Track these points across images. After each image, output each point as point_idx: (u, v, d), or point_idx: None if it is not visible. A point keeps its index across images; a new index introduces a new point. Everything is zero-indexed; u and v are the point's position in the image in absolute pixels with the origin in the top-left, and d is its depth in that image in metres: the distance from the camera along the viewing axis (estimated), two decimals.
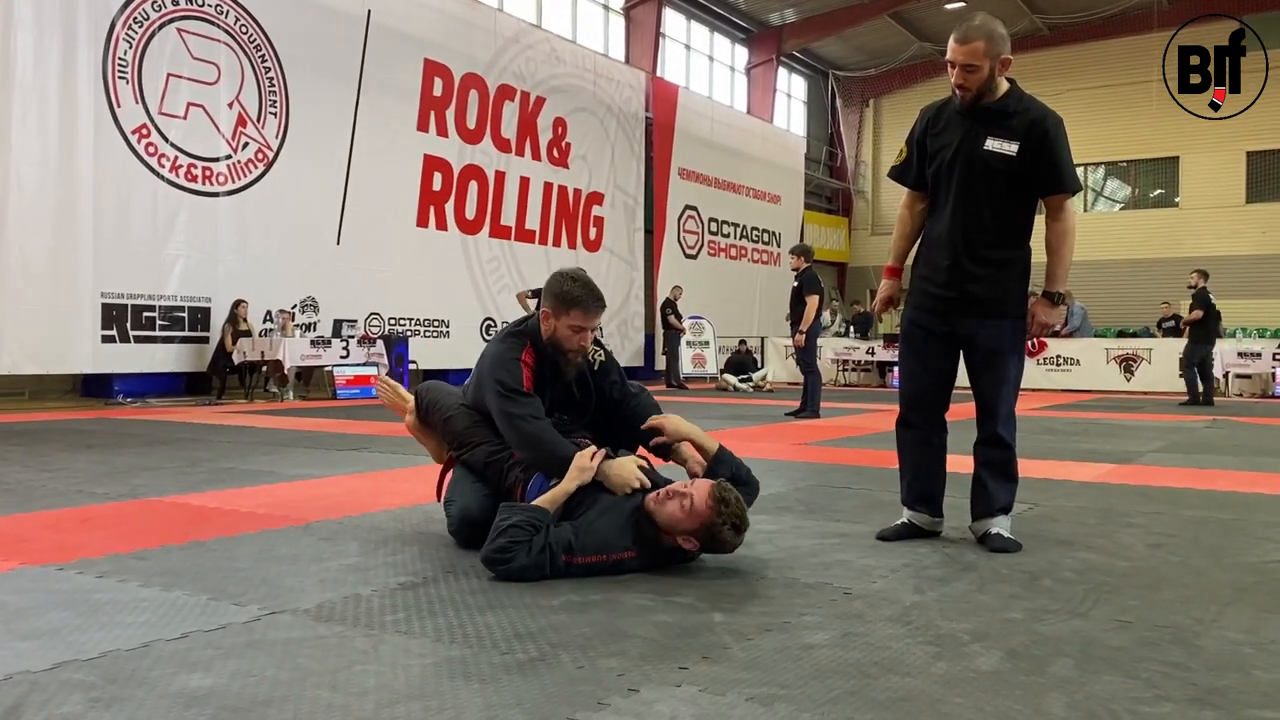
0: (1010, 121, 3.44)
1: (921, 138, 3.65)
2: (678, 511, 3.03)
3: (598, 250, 18.82)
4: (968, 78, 3.40)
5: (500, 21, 16.83)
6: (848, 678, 2.13)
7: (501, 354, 3.43)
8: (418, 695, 1.99)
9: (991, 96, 3.45)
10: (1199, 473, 5.84)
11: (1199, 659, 2.29)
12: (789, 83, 26.91)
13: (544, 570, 2.93)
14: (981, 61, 3.37)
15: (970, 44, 3.37)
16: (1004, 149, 3.42)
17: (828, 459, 6.51)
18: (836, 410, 10.99)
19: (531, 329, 3.49)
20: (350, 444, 7.07)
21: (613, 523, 3.07)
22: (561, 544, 2.97)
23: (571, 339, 3.41)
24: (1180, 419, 10.54)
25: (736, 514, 3.05)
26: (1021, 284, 3.56)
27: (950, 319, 3.55)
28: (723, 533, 3.04)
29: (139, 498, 4.54)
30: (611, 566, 3.01)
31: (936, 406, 3.65)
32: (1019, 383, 3.61)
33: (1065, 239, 3.49)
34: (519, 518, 2.99)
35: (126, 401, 11.40)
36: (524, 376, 3.37)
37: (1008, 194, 3.46)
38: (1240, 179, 24.16)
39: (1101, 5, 23.49)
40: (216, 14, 12.53)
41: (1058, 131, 3.44)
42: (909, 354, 3.68)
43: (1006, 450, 3.55)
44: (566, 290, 3.39)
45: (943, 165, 3.55)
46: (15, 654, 2.23)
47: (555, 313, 3.40)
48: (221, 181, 12.62)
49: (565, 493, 3.12)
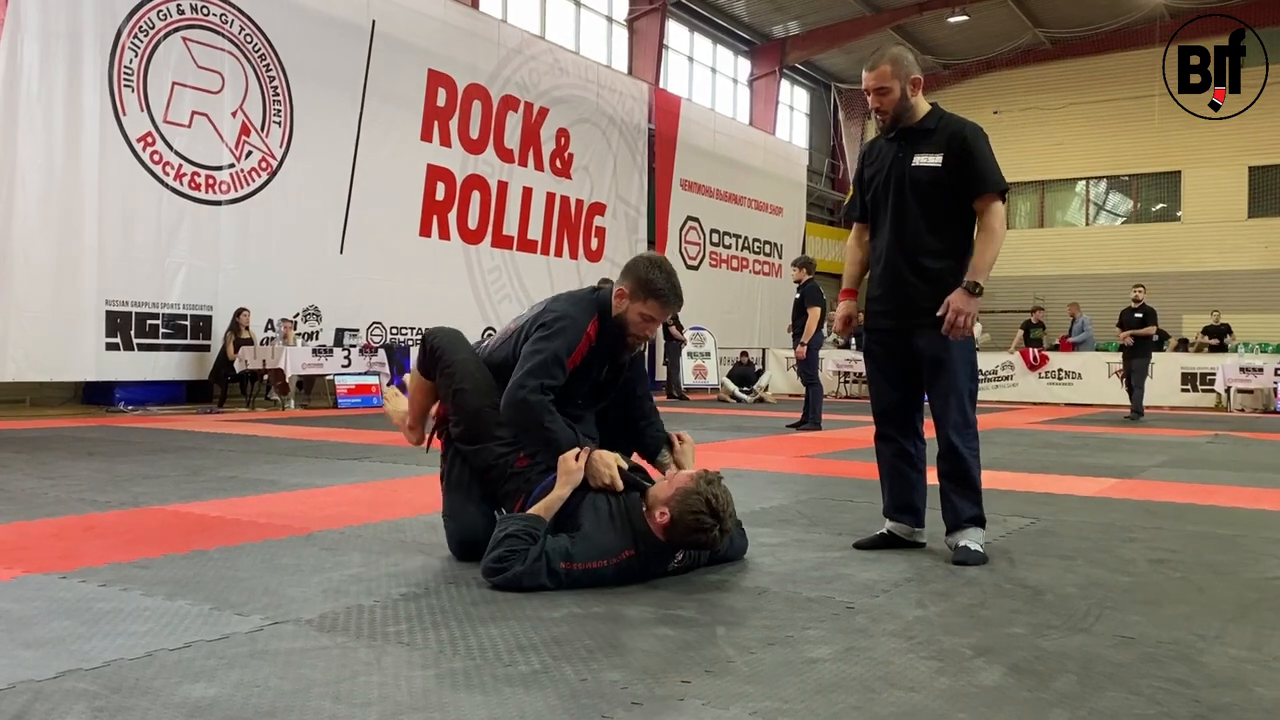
0: (933, 137, 3.64)
1: (859, 172, 3.90)
2: (662, 483, 3.13)
3: (599, 261, 18.84)
4: (881, 100, 3.66)
5: (504, 32, 16.89)
6: (851, 692, 2.13)
7: (565, 328, 3.31)
8: (420, 707, 1.99)
9: (912, 118, 3.67)
10: (1201, 488, 5.83)
11: (1202, 675, 2.29)
12: (791, 95, 26.98)
13: (539, 578, 2.92)
14: (890, 83, 3.63)
15: (878, 69, 3.66)
16: (930, 161, 3.61)
17: (830, 471, 6.51)
18: (838, 422, 10.98)
19: (604, 300, 3.43)
20: (352, 453, 7.07)
21: (610, 527, 3.07)
22: (559, 552, 2.97)
23: (640, 326, 3.40)
24: (1183, 434, 10.53)
25: (717, 495, 3.04)
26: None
27: (901, 333, 3.69)
28: (694, 502, 3.00)
29: (141, 506, 4.54)
30: (613, 570, 3.01)
31: (908, 419, 3.77)
32: (972, 392, 3.67)
33: (990, 238, 3.59)
34: (515, 527, 3.01)
35: (128, 409, 11.41)
36: (580, 348, 3.32)
37: (939, 205, 3.61)
38: (1242, 194, 24.20)
39: (1104, 19, 23.56)
40: (221, 23, 12.58)
41: (976, 138, 3.62)
42: (873, 372, 3.85)
43: (962, 461, 3.59)
44: (652, 279, 3.36)
45: (878, 188, 3.75)
46: (19, 663, 2.23)
47: (633, 296, 3.37)
48: (225, 190, 12.65)
49: (559, 499, 3.13)
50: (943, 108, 3.73)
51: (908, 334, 3.66)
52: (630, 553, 3.04)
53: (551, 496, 3.14)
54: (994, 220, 3.59)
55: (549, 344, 3.29)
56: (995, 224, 3.59)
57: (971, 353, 3.69)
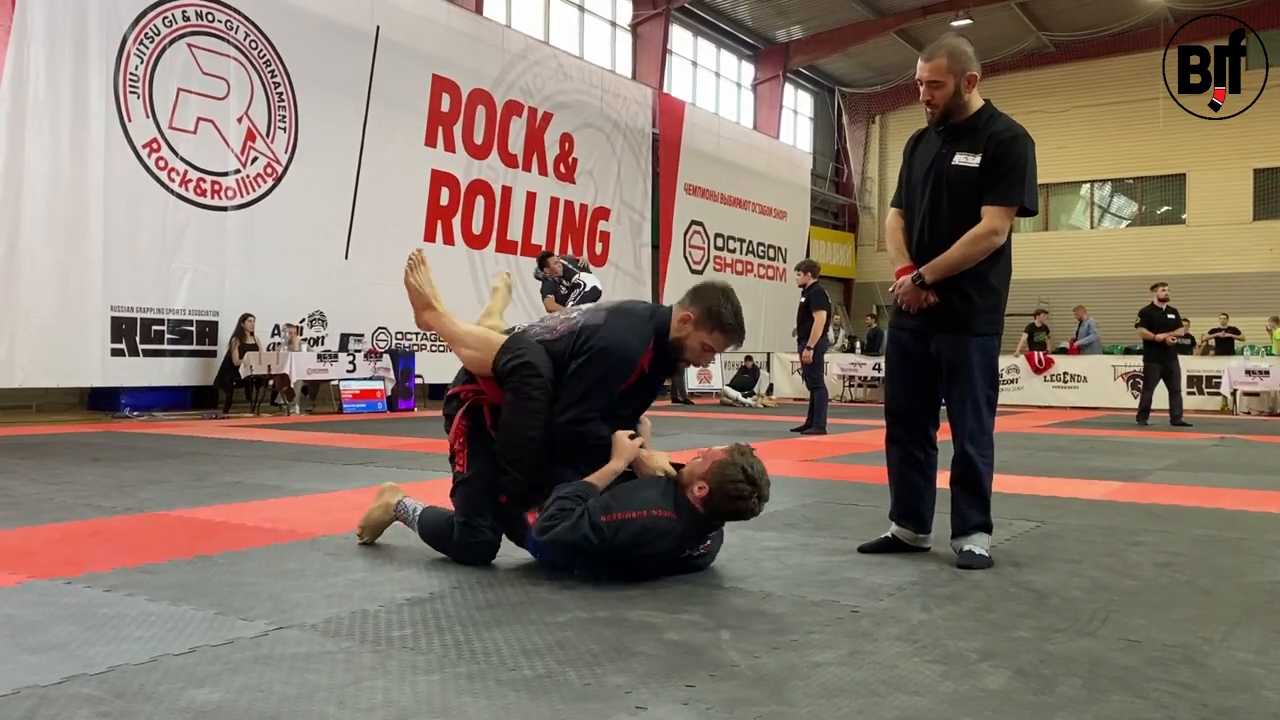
0: (976, 137, 3.51)
1: (904, 161, 3.80)
2: (698, 459, 3.19)
3: (604, 265, 18.85)
4: (934, 94, 3.52)
5: (508, 38, 16.93)
6: (855, 696, 2.13)
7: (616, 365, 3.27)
8: (425, 711, 1.99)
9: (962, 114, 3.54)
10: (1207, 491, 5.81)
11: (1208, 679, 2.28)
12: (795, 99, 26.99)
13: (582, 530, 3.00)
14: (945, 78, 3.48)
15: (933, 60, 3.51)
16: (968, 162, 3.49)
17: (835, 475, 6.50)
18: (843, 426, 10.97)
19: (662, 323, 3.38)
20: (357, 458, 7.08)
21: (652, 485, 3.16)
22: (599, 507, 3.05)
23: (699, 354, 3.39)
24: (1189, 437, 10.51)
25: (753, 464, 3.13)
26: (988, 300, 3.56)
27: (923, 335, 3.62)
28: (732, 471, 3.09)
29: (146, 511, 4.55)
30: (652, 523, 3.03)
31: (920, 424, 3.70)
32: (991, 399, 3.61)
33: (970, 243, 3.46)
34: (567, 490, 3.13)
35: (133, 415, 11.43)
36: (631, 379, 3.31)
37: (972, 208, 3.50)
38: (1248, 196, 24.15)
39: (1108, 22, 23.54)
40: (227, 29, 12.61)
41: (1016, 144, 3.47)
42: (889, 372, 3.81)
43: (974, 469, 3.55)
44: (722, 313, 3.34)
45: (916, 182, 3.65)
46: (23, 668, 2.23)
47: (698, 324, 3.34)
48: (230, 196, 12.68)
49: (613, 472, 3.21)
50: (995, 106, 3.60)
51: (928, 336, 3.61)
52: (670, 515, 3.08)
53: (606, 469, 3.21)
54: (984, 231, 3.45)
55: (600, 386, 3.26)
56: (982, 232, 3.45)
57: (992, 358, 3.61)
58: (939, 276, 3.50)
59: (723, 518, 3.19)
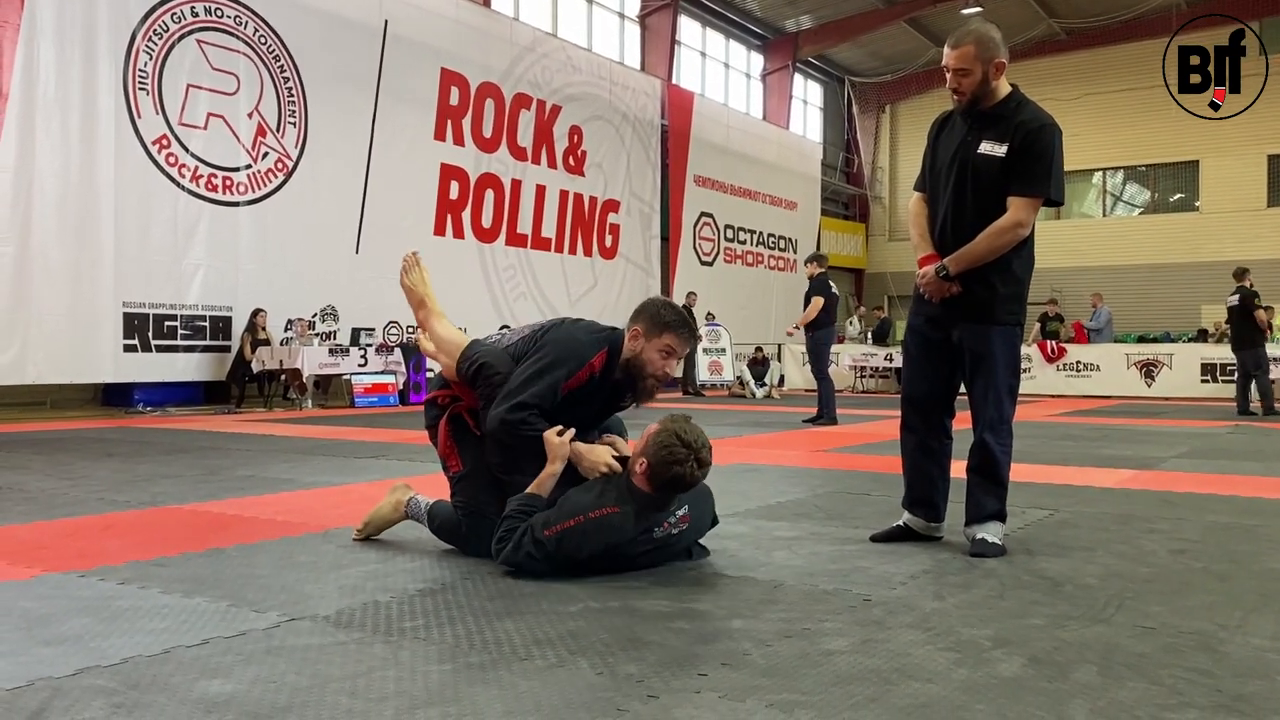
0: (1004, 125, 3.46)
1: (929, 145, 3.73)
2: (636, 440, 3.20)
3: (614, 258, 18.85)
4: (961, 81, 3.47)
5: (516, 30, 16.91)
6: (868, 684, 2.12)
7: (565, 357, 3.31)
8: (437, 701, 1.99)
9: (989, 101, 3.49)
10: (1222, 478, 5.78)
11: (1224, 665, 2.27)
12: (805, 89, 26.90)
13: (525, 549, 3.02)
14: (973, 65, 3.44)
15: (961, 48, 3.46)
16: (994, 151, 3.44)
17: (846, 465, 6.49)
18: (855, 417, 10.95)
19: (617, 339, 3.42)
20: (369, 452, 7.09)
21: (586, 489, 3.15)
22: (540, 523, 3.06)
23: (660, 363, 3.37)
24: (1203, 425, 10.45)
25: (685, 429, 3.09)
26: (1011, 290, 3.54)
27: (944, 324, 3.59)
28: (664, 438, 3.05)
29: (159, 505, 4.57)
30: (593, 526, 3.02)
31: (936, 412, 3.67)
32: (1012, 388, 3.59)
33: (995, 235, 3.43)
34: (513, 507, 3.15)
35: (146, 410, 11.48)
36: (580, 375, 3.31)
37: (997, 197, 3.45)
38: (1261, 183, 23.98)
39: (1119, 9, 23.38)
40: (235, 25, 12.63)
41: (1043, 134, 3.42)
42: (907, 360, 3.78)
43: (992, 458, 3.53)
44: (663, 314, 3.38)
45: (940, 169, 3.60)
46: (38, 660, 2.24)
47: (648, 334, 3.35)
48: (241, 191, 12.71)
49: (551, 475, 3.19)
50: (1023, 92, 3.56)
51: (949, 325, 3.58)
52: (612, 509, 3.05)
53: (543, 474, 3.20)
54: (1008, 223, 3.41)
55: (543, 375, 3.28)
56: (1007, 224, 3.42)
57: (1014, 348, 3.57)
58: (963, 268, 3.47)
59: (668, 489, 3.10)
